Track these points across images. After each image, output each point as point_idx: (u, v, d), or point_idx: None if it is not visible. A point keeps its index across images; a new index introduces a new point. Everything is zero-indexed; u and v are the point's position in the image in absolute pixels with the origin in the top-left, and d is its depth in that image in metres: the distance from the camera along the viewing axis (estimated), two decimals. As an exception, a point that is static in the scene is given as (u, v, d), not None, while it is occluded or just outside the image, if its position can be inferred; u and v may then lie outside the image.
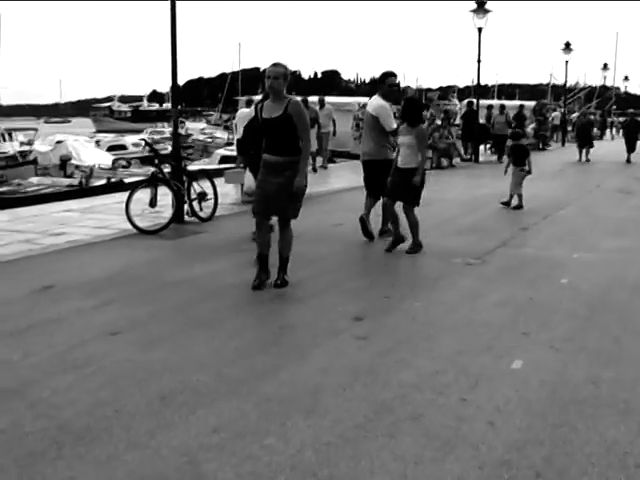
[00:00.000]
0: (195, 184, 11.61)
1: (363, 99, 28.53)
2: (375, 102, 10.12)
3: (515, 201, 13.26)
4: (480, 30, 22.84)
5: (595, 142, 27.47)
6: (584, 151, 25.47)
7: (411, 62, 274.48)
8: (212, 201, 11.76)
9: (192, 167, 22.49)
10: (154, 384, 4.77)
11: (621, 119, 45.35)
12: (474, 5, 22.77)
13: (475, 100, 25.03)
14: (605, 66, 50.00)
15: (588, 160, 25.11)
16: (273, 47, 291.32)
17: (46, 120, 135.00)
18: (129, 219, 10.45)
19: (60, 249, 9.49)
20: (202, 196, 11.58)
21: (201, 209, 11.59)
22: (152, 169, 11.45)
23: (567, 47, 34.69)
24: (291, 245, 7.42)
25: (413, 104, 9.45)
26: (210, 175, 12.34)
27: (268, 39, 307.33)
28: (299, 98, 19.38)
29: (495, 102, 29.68)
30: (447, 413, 4.22)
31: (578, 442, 3.87)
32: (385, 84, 10.14)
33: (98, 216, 12.30)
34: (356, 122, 25.74)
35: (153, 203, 10.77)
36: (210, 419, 4.21)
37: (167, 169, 11.39)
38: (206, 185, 11.85)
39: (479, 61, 23.23)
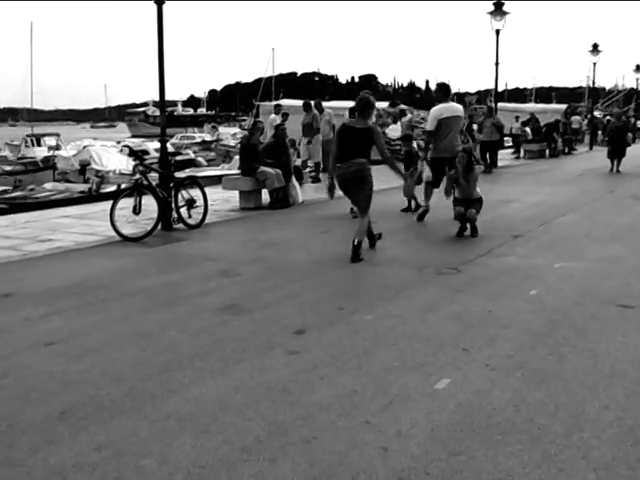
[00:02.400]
0: (184, 191, 11.52)
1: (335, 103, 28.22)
2: (459, 106, 12.17)
3: (413, 204, 13.25)
4: (498, 32, 22.43)
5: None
6: (616, 161, 22.29)
7: (450, 66, 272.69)
8: (202, 208, 11.65)
9: (204, 173, 22.61)
10: (62, 398, 4.65)
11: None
12: (491, 7, 22.37)
13: (494, 105, 24.57)
14: (638, 68, 48.66)
15: (619, 171, 22.13)
16: (311, 52, 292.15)
17: (92, 125, 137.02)
18: (113, 226, 10.42)
19: (37, 256, 9.47)
20: (190, 203, 11.49)
21: (190, 216, 11.49)
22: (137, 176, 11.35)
23: (595, 49, 33.89)
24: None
25: None
26: (199, 182, 12.23)
27: (306, 44, 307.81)
28: (312, 102, 19.12)
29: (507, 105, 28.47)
30: (343, 437, 4.00)
31: (468, 473, 3.61)
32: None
33: (91, 222, 12.29)
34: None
35: (137, 210, 10.69)
36: (99, 436, 4.06)
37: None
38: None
39: (497, 64, 22.83)
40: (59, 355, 5.53)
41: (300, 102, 37.98)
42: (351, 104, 27.66)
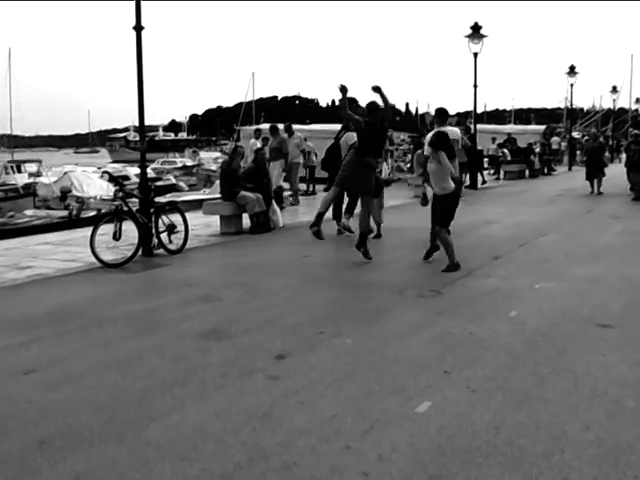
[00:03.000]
0: (164, 216, 11.50)
1: (316, 126, 28.46)
2: (455, 130, 13.67)
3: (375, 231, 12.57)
4: (476, 55, 22.68)
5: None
6: (595, 181, 21.65)
7: (430, 88, 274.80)
8: (183, 233, 11.63)
9: (185, 197, 22.60)
10: (41, 426, 4.60)
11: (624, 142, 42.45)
12: (469, 30, 22.62)
13: (473, 126, 24.76)
14: (614, 89, 49.52)
15: (600, 193, 21.46)
16: (291, 75, 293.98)
17: (76, 150, 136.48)
18: (93, 252, 10.36)
19: (17, 284, 9.39)
20: (171, 228, 11.47)
21: (170, 241, 11.46)
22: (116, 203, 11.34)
23: (572, 71, 34.51)
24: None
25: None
26: (179, 207, 12.23)
27: (286, 68, 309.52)
28: (280, 126, 19.11)
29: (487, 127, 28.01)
30: (324, 462, 3.98)
31: (449, 495, 3.62)
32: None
33: (72, 249, 12.21)
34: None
35: (117, 236, 10.64)
36: (77, 466, 4.02)
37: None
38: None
39: (475, 86, 23.07)
40: (38, 383, 5.48)
41: (280, 126, 38.16)
42: (332, 127, 27.65)
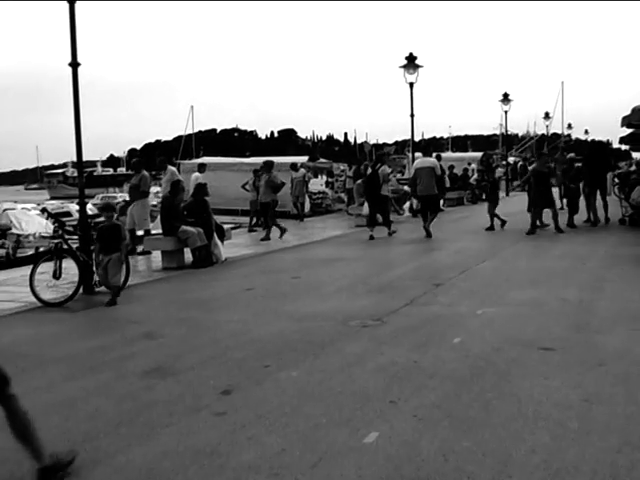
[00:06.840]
0: (105, 253, 11.34)
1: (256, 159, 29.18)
2: (431, 159, 19.17)
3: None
4: (412, 85, 23.06)
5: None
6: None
7: (368, 118, 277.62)
8: (124, 270, 11.48)
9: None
10: (-19, 477, 4.48)
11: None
12: (404, 61, 23.01)
13: (410, 154, 25.09)
14: (547, 115, 51.27)
15: (546, 225, 18.09)
16: (230, 108, 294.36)
17: (26, 187, 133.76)
18: (33, 292, 10.23)
19: (-48, 327, 9.15)
20: (112, 265, 11.29)
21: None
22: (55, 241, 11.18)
23: (505, 98, 35.55)
24: None
25: None
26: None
27: (224, 100, 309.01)
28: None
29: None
30: (273, 498, 3.96)
31: (399, 526, 3.62)
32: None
33: (10, 289, 11.99)
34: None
35: (57, 275, 10.49)
36: (21, 516, 3.91)
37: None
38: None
39: (412, 115, 23.43)
40: (-23, 430, 5.33)
41: (222, 159, 38.22)
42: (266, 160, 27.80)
